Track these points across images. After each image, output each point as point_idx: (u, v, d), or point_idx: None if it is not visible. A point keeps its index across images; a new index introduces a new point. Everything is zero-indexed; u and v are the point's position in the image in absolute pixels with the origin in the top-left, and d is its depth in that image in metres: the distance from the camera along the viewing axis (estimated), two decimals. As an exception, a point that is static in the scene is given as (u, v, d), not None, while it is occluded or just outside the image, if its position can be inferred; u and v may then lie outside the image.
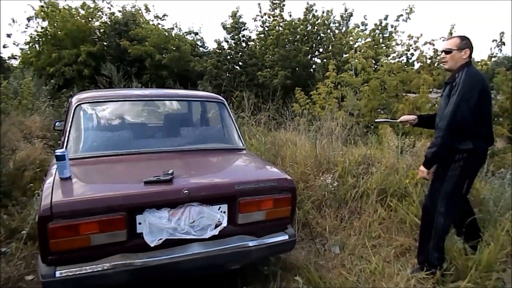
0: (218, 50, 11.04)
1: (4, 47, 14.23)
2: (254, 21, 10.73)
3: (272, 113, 6.85)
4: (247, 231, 2.28)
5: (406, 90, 7.01)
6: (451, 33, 6.56)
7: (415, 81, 6.45)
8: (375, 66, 8.04)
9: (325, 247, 3.17)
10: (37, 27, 10.93)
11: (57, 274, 1.87)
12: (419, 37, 7.14)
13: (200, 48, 12.60)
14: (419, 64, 7.14)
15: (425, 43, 6.94)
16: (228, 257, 2.22)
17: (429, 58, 6.94)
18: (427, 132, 5.33)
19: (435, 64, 6.83)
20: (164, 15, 12.10)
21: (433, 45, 6.80)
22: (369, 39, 9.11)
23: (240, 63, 11.14)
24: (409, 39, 7.28)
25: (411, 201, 3.34)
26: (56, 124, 3.80)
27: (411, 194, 3.38)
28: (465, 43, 2.46)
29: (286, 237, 2.39)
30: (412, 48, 7.30)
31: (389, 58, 8.08)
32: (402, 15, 8.65)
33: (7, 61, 12.04)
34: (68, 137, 2.59)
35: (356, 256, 2.92)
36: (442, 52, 2.55)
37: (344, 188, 3.68)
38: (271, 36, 10.15)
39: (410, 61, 7.81)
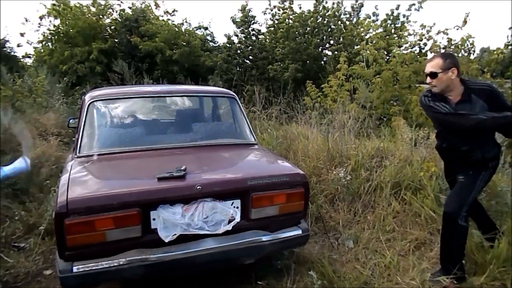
0: (228, 45, 11.03)
1: (18, 46, 14.49)
2: (264, 14, 10.68)
3: (283, 107, 6.81)
4: (260, 226, 2.28)
5: (420, 81, 6.89)
6: (465, 22, 6.39)
7: (428, 71, 6.32)
8: (387, 57, 7.92)
9: (338, 241, 3.16)
10: (49, 25, 11.08)
11: (74, 269, 1.91)
12: (432, 26, 7.00)
13: (210, 43, 12.61)
14: (433, 54, 7.00)
15: (439, 32, 6.77)
16: (241, 252, 2.23)
17: (443, 48, 6.79)
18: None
19: (449, 54, 6.68)
20: (173, 11, 12.15)
21: (447, 34, 6.65)
22: (380, 30, 8.97)
23: (250, 57, 11.11)
24: (422, 29, 7.13)
25: (425, 194, 3.29)
26: (70, 121, 3.85)
27: (426, 187, 3.33)
28: (450, 62, 2.28)
29: (300, 231, 2.39)
30: (425, 37, 7.15)
31: (402, 48, 7.94)
32: (414, 4, 8.48)
33: (21, 59, 12.26)
34: (82, 134, 2.63)
35: (370, 250, 2.90)
36: (426, 76, 2.36)
37: (357, 182, 3.64)
38: (281, 29, 10.08)
39: (423, 51, 7.66)
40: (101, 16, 11.51)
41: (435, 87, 2.34)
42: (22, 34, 12.71)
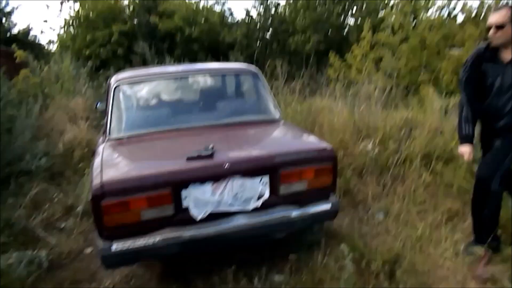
0: (247, 19, 10.83)
1: (41, 33, 14.76)
2: (283, -15, 10.37)
3: (307, 80, 6.69)
4: (289, 201, 2.29)
5: (450, 45, 6.57)
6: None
7: (459, 35, 6.02)
8: (414, 23, 7.57)
9: (368, 214, 3.14)
10: (70, 11, 11.20)
11: (113, 248, 1.99)
12: (462, -13, 6.60)
13: (229, 19, 12.42)
14: (463, 16, 6.63)
15: (470, -7, 6.40)
16: (272, 227, 2.25)
17: (475, 10, 6.42)
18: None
19: (481, 16, 6.30)
20: (191, -12, 11.96)
21: (479, -5, 6.27)
22: (406, -6, 8.52)
23: (270, 30, 10.89)
24: (452, -10, 6.75)
25: (458, 164, 3.20)
26: (98, 105, 3.93)
27: (458, 157, 3.23)
28: None
29: (329, 205, 2.38)
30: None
31: (429, 12, 7.55)
32: (443, -37, 7.97)
33: (46, 46, 12.54)
34: (111, 118, 2.68)
35: (401, 223, 2.88)
36: (492, 28, 2.25)
37: (386, 154, 3.58)
38: None
39: (452, 14, 7.26)
40: (119, -2, 11.52)
41: (497, 38, 2.25)
42: (44, 21, 12.93)
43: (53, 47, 12.46)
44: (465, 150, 2.44)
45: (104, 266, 2.09)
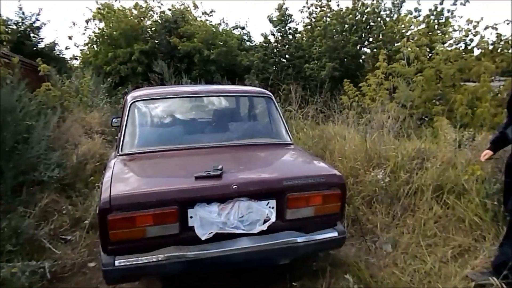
0: (264, 44, 11.06)
1: (66, 48, 15.33)
2: (301, 12, 10.63)
3: (320, 106, 6.72)
4: (295, 227, 2.27)
5: (465, 79, 6.55)
6: (517, 16, 6.00)
7: (475, 69, 5.99)
8: (430, 55, 7.60)
9: (376, 244, 3.08)
10: (94, 28, 11.64)
11: (116, 263, 1.99)
12: (479, 22, 6.63)
13: (247, 42, 12.72)
14: (480, 50, 6.62)
15: (487, 27, 6.41)
16: (276, 252, 2.23)
17: (491, 44, 6.41)
18: (489, 123, 4.96)
19: (498, 50, 6.29)
20: (211, 11, 12.39)
21: (496, 29, 6.27)
22: (422, 26, 8.60)
23: (286, 56, 11.07)
24: (468, 24, 6.77)
25: (470, 198, 3.13)
26: (113, 120, 4.02)
27: (471, 191, 3.17)
28: None
29: (336, 233, 2.35)
30: (472, 33, 6.78)
31: (446, 45, 7.58)
32: (460, -2, 8.05)
33: (69, 61, 12.97)
34: (125, 133, 2.74)
35: (409, 255, 2.80)
36: None
37: (397, 184, 3.53)
38: (318, 27, 9.96)
39: (469, 47, 7.26)
40: (142, 18, 11.95)
41: None
42: (70, 37, 13.45)
43: (76, 63, 12.91)
44: (485, 152, 2.62)
45: (105, 281, 2.09)
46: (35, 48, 11.96)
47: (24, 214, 3.42)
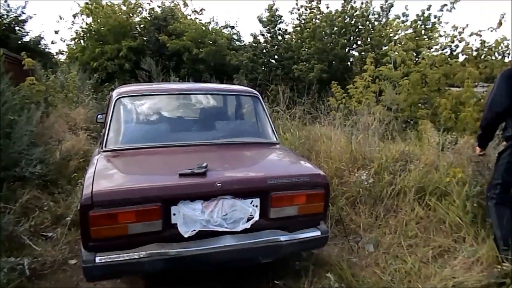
0: (254, 44, 11.06)
1: (52, 43, 15.07)
2: (291, 14, 10.62)
3: (307, 107, 6.76)
4: (279, 226, 2.28)
5: (449, 84, 6.68)
6: (500, 23, 6.14)
7: (459, 74, 6.11)
8: (416, 59, 7.72)
9: (358, 244, 3.11)
10: (82, 23, 11.46)
11: (97, 260, 1.97)
12: (464, 28, 6.77)
13: (237, 42, 12.67)
14: (464, 56, 6.76)
15: (471, 34, 6.54)
16: (259, 251, 2.24)
17: (476, 50, 6.55)
18: (472, 128, 5.06)
19: (482, 57, 6.44)
20: (201, 10, 12.29)
21: (480, 36, 6.40)
22: (410, 31, 8.73)
23: (276, 57, 11.09)
24: (454, 30, 6.91)
25: (451, 200, 3.19)
26: (98, 116, 3.97)
27: (452, 193, 3.23)
28: None
29: (318, 233, 2.37)
30: (457, 39, 6.92)
31: (432, 50, 7.71)
32: (446, 4, 8.19)
33: (55, 56, 12.75)
34: (109, 129, 2.71)
35: (391, 255, 2.85)
36: None
37: (380, 185, 3.58)
38: (308, 29, 10.00)
39: (455, 53, 7.40)
40: (131, 15, 11.79)
41: None
42: (56, 32, 13.21)
43: (62, 58, 12.68)
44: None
45: (86, 278, 2.06)
46: (20, 42, 11.69)
47: (4, 210, 3.36)
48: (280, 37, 11.02)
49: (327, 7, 10.32)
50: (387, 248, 2.96)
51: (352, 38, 10.23)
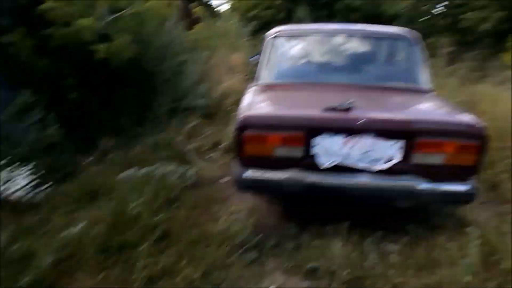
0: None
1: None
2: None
3: (474, 64, 5.88)
4: (420, 172, 2.18)
5: None
6: None
7: None
8: None
9: (512, 215, 2.73)
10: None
11: (246, 174, 2.29)
12: None
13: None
14: None
15: None
16: (394, 193, 2.22)
17: None
18: None
19: None
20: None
21: None
22: None
23: (442, 4, 9.73)
24: None
25: None
26: (252, 58, 4.29)
27: None
28: None
29: (465, 187, 2.18)
30: None
31: None
32: None
33: (216, 8, 14.04)
34: (263, 65, 2.96)
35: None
36: None
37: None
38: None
39: None
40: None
41: None
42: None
43: (224, 8, 13.83)
44: None
45: (236, 188, 2.42)
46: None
47: (177, 132, 4.11)
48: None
49: None
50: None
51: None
